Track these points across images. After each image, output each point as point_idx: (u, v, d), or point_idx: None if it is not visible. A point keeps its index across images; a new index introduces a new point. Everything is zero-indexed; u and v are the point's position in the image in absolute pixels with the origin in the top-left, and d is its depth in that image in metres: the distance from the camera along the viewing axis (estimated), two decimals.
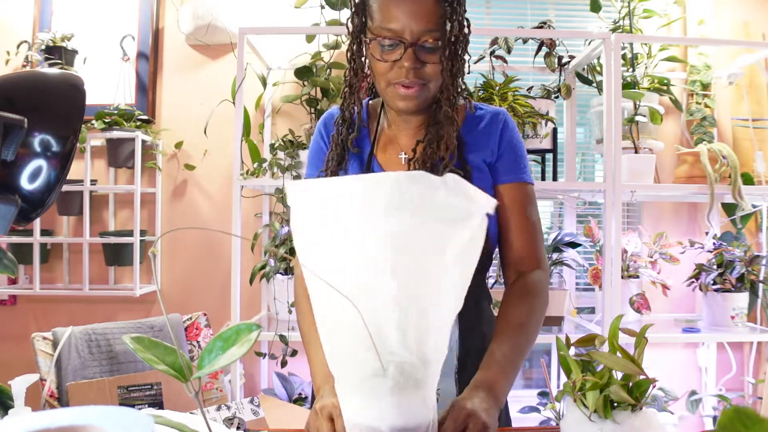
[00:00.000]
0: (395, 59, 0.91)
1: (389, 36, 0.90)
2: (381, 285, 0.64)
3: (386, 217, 0.64)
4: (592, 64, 2.29)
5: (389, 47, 0.91)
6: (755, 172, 2.25)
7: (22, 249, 2.30)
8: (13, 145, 0.57)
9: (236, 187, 1.99)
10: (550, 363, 2.50)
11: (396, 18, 0.88)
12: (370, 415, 0.67)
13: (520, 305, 0.96)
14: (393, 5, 0.89)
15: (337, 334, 0.67)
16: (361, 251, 0.65)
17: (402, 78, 0.92)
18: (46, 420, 0.46)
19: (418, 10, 0.88)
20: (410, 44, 0.89)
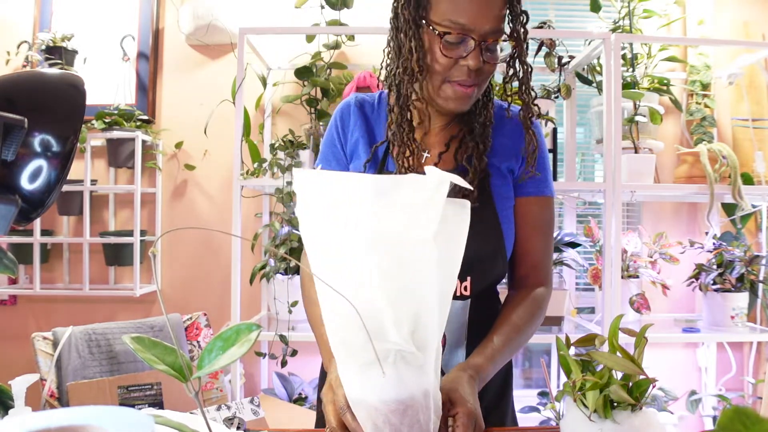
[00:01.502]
0: (459, 56, 0.86)
1: (457, 30, 0.84)
2: (375, 283, 0.66)
3: (378, 218, 0.66)
4: (592, 64, 2.29)
5: (454, 43, 0.85)
6: (755, 172, 2.25)
7: (22, 249, 2.30)
8: (13, 145, 0.57)
9: (236, 187, 1.99)
10: (550, 363, 2.50)
11: (466, 12, 0.83)
12: (366, 389, 0.68)
13: (523, 310, 0.97)
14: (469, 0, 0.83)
15: (338, 318, 0.69)
16: (355, 249, 0.66)
17: (464, 77, 0.87)
18: (46, 420, 0.46)
19: (493, 10, 0.84)
20: (479, 42, 0.85)
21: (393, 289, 0.66)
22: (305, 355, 2.16)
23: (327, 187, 0.68)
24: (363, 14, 2.42)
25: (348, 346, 0.69)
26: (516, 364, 2.65)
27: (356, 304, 0.61)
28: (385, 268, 0.66)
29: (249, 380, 2.46)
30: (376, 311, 0.66)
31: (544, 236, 1.02)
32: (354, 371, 0.70)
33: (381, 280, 0.66)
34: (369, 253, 0.66)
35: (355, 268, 0.66)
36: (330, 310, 0.69)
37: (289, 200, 2.02)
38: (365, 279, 0.66)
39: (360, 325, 0.63)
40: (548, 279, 1.03)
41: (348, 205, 0.67)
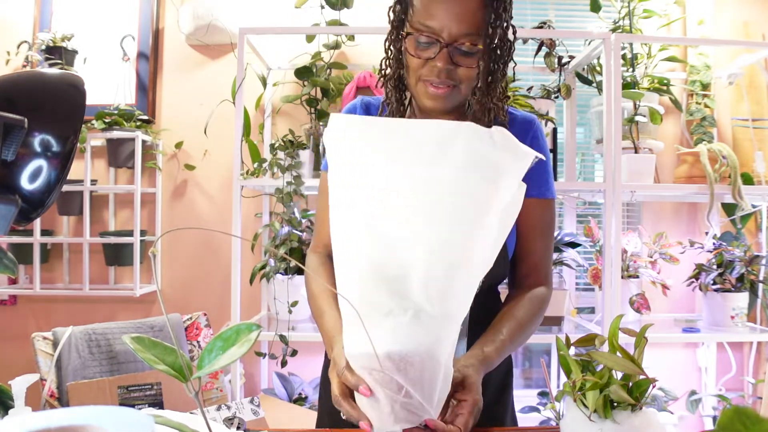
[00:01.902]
0: (428, 57, 0.88)
1: (426, 33, 0.87)
2: (412, 232, 0.66)
3: (429, 166, 0.67)
4: (592, 64, 2.29)
5: (425, 44, 0.88)
6: (755, 172, 2.25)
7: (22, 249, 2.30)
8: (13, 145, 0.57)
9: (236, 187, 1.99)
10: (550, 363, 2.50)
11: (436, 16, 0.86)
12: (372, 341, 0.67)
13: (526, 308, 0.97)
14: (435, 2, 0.86)
15: (353, 271, 0.69)
16: (397, 195, 0.67)
17: (433, 77, 0.89)
18: (46, 420, 0.46)
19: (461, 12, 0.86)
20: (445, 45, 0.87)
21: (434, 242, 0.65)
22: (305, 355, 2.16)
23: (369, 131, 0.70)
24: (363, 14, 2.42)
25: (361, 298, 0.69)
26: (516, 364, 2.65)
27: (389, 252, 0.63)
28: (432, 216, 0.65)
29: (249, 380, 2.46)
30: (406, 263, 0.65)
31: (545, 238, 1.03)
32: (360, 324, 0.69)
33: (425, 227, 0.65)
34: (418, 198, 0.65)
35: (396, 213, 0.66)
36: (345, 261, 0.70)
37: (289, 200, 2.02)
38: (405, 225, 0.65)
39: (375, 279, 0.64)
40: (549, 279, 1.05)
41: (401, 150, 0.67)
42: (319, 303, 0.94)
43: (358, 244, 0.69)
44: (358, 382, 0.71)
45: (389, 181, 0.68)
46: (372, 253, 0.68)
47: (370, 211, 0.69)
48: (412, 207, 0.66)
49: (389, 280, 0.67)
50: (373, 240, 0.68)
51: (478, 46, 0.87)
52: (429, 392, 0.69)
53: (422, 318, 0.67)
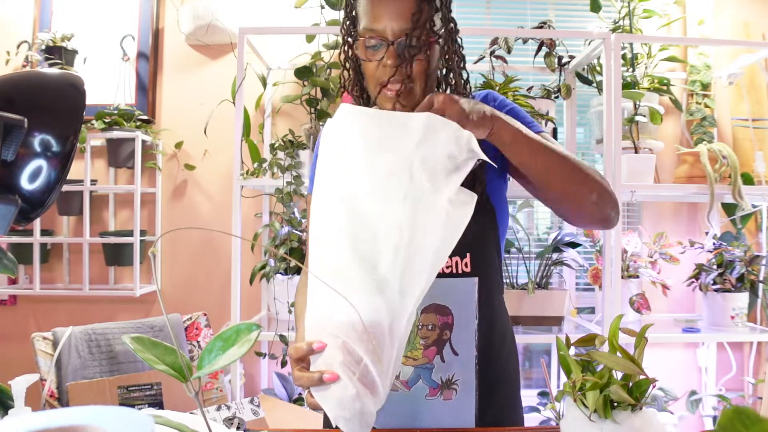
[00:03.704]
0: (379, 59, 0.92)
1: (373, 36, 0.91)
2: (391, 209, 0.72)
3: (415, 149, 0.74)
4: (592, 64, 2.29)
5: (374, 48, 0.92)
6: (755, 172, 2.25)
7: (22, 249, 2.30)
8: (13, 145, 0.57)
9: (236, 187, 1.99)
10: (550, 363, 2.50)
11: (378, 18, 0.90)
12: (336, 306, 0.70)
13: None
14: (374, 6, 0.90)
15: (327, 238, 0.75)
16: (381, 176, 0.74)
17: (386, 77, 0.92)
18: (46, 420, 0.46)
19: (398, 9, 0.89)
20: (391, 42, 0.90)
21: (405, 220, 0.71)
22: None
23: (377, 119, 0.78)
24: None
25: (331, 265, 0.73)
26: None
27: (363, 227, 0.71)
28: (410, 196, 0.72)
29: (249, 380, 2.46)
30: (378, 235, 0.71)
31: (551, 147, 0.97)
32: (327, 290, 0.70)
33: (400, 204, 0.72)
34: (399, 180, 0.72)
35: (378, 190, 0.73)
36: (320, 230, 0.76)
37: (289, 200, 2.02)
38: (385, 201, 0.72)
39: (349, 250, 0.71)
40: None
41: (393, 138, 0.75)
42: (298, 319, 0.99)
43: (336, 217, 0.75)
44: (309, 343, 0.72)
45: (367, 162, 0.75)
46: (347, 226, 0.74)
47: (349, 188, 0.75)
48: (384, 186, 0.74)
49: (361, 253, 0.71)
50: (350, 214, 0.74)
51: (421, 39, 0.90)
52: (386, 369, 0.69)
53: (386, 292, 0.70)
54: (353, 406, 0.67)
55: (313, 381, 0.69)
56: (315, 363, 0.71)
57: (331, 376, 0.68)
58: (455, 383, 0.96)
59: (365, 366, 0.68)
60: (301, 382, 0.71)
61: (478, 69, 2.26)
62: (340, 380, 0.68)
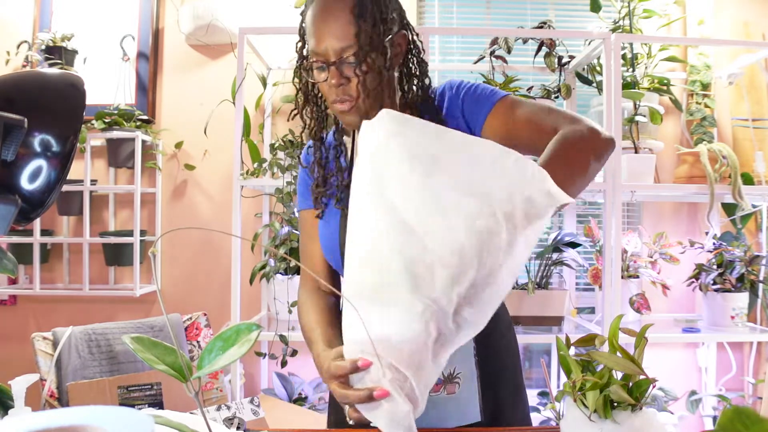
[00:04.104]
0: (325, 79, 0.94)
1: (318, 59, 0.93)
2: (450, 237, 0.66)
3: (481, 179, 0.68)
4: (592, 64, 2.29)
5: (320, 68, 0.94)
6: (755, 172, 2.25)
7: (22, 249, 2.30)
8: (13, 145, 0.57)
9: (236, 187, 1.99)
10: (550, 363, 2.50)
11: (319, 41, 0.92)
12: (376, 329, 0.68)
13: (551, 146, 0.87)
14: (317, 29, 0.92)
15: (370, 260, 0.70)
16: (437, 199, 0.68)
17: (333, 96, 0.94)
18: (46, 420, 0.46)
19: (335, 30, 0.91)
20: (332, 63, 0.92)
21: (469, 250, 0.65)
22: (305, 355, 2.16)
23: (429, 133, 0.73)
24: None
25: (372, 284, 0.70)
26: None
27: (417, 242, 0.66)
28: (476, 227, 0.65)
29: (249, 380, 2.46)
30: (432, 261, 0.66)
31: (532, 114, 0.95)
32: (368, 309, 0.69)
33: (462, 233, 0.65)
34: (461, 207, 0.67)
35: (432, 212, 0.68)
36: (360, 248, 0.72)
37: (289, 200, 2.02)
38: (443, 227, 0.67)
39: (392, 270, 0.66)
40: (569, 122, 0.90)
41: (451, 161, 0.70)
42: (310, 335, 0.98)
43: (382, 236, 0.69)
44: (353, 362, 0.71)
45: (420, 182, 0.69)
46: (395, 247, 0.68)
47: (396, 205, 0.69)
48: (440, 210, 0.67)
49: (413, 275, 0.66)
50: (398, 234, 0.68)
51: (361, 56, 0.91)
52: (425, 386, 0.70)
53: (439, 320, 0.67)
54: (405, 421, 0.69)
55: (363, 398, 0.70)
56: (362, 380, 0.72)
57: (382, 392, 0.69)
58: (457, 377, 0.96)
59: (410, 383, 0.69)
60: (350, 399, 0.72)
61: (478, 69, 2.26)
62: (391, 397, 0.69)
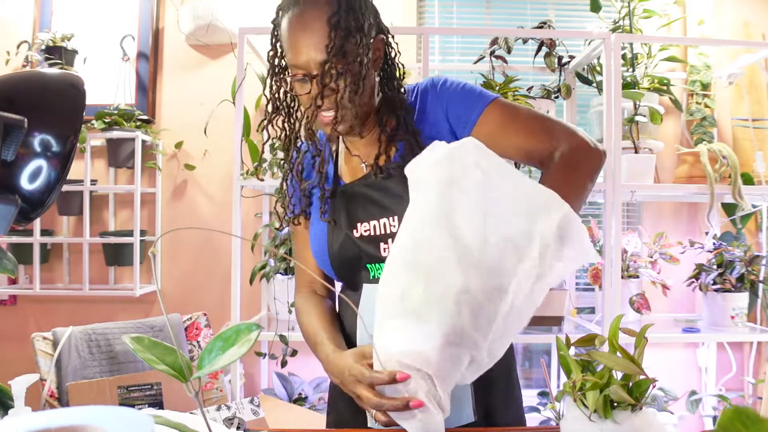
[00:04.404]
0: (307, 92, 0.93)
1: (298, 72, 0.92)
2: (497, 279, 0.70)
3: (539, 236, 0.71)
4: (592, 64, 2.29)
5: (301, 81, 0.93)
6: (755, 172, 2.25)
7: (22, 249, 2.30)
8: (13, 145, 0.57)
9: (236, 187, 1.99)
10: (550, 363, 2.50)
11: (298, 53, 0.91)
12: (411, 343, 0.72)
13: (551, 181, 0.89)
14: (294, 42, 0.91)
15: (429, 277, 0.72)
16: (493, 236, 0.71)
17: (315, 108, 0.93)
18: (46, 420, 0.46)
19: (315, 42, 0.89)
20: (314, 75, 0.91)
21: (515, 282, 0.70)
22: (305, 355, 2.16)
23: (505, 176, 0.74)
24: None
25: (413, 305, 0.72)
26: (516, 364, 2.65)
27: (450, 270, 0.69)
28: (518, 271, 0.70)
29: (249, 380, 2.46)
30: (485, 291, 0.69)
31: (522, 121, 0.95)
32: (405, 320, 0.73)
33: (507, 274, 0.70)
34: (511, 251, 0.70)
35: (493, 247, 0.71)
36: (420, 266, 0.73)
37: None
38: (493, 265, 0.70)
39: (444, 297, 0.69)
40: (561, 136, 0.93)
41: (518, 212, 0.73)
42: (314, 338, 0.99)
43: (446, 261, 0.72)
44: (392, 373, 0.74)
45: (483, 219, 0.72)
46: (456, 276, 0.71)
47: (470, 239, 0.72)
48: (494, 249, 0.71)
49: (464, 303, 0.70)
50: (462, 262, 0.71)
51: (341, 66, 0.90)
52: (448, 393, 0.75)
53: (470, 350, 0.72)
54: (438, 430, 0.74)
55: (399, 407, 0.74)
56: (396, 389, 0.75)
57: (418, 403, 0.73)
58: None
59: (440, 393, 0.74)
60: (385, 407, 0.75)
61: (478, 69, 2.26)
62: (425, 407, 0.73)
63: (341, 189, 1.03)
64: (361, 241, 0.97)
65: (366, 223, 0.98)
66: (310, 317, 1.02)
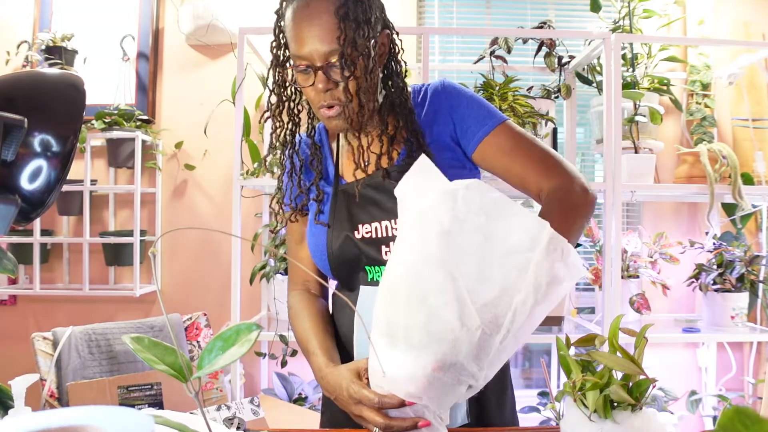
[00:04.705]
0: (311, 83, 0.92)
1: (302, 62, 0.91)
2: (506, 299, 0.70)
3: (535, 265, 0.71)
4: (592, 64, 2.29)
5: (305, 72, 0.92)
6: (755, 172, 2.25)
7: (22, 249, 2.30)
8: (13, 145, 0.57)
9: (236, 187, 1.99)
10: (550, 363, 2.50)
11: (303, 44, 0.90)
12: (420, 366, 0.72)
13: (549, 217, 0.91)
14: (299, 32, 0.90)
15: (429, 315, 0.72)
16: (496, 263, 0.71)
17: (322, 100, 0.92)
18: (46, 420, 0.46)
19: (321, 33, 0.88)
20: (318, 67, 0.90)
21: (510, 314, 0.70)
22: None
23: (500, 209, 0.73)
24: None
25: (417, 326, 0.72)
26: (516, 364, 2.65)
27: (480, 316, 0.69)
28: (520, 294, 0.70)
29: (249, 380, 2.46)
30: (479, 323, 0.70)
31: (526, 150, 0.96)
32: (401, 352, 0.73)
33: (506, 294, 0.70)
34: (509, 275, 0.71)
35: (488, 280, 0.71)
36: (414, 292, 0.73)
37: None
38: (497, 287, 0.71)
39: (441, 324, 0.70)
40: (561, 174, 0.94)
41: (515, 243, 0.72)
42: (306, 345, 0.99)
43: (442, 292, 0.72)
44: (402, 400, 0.76)
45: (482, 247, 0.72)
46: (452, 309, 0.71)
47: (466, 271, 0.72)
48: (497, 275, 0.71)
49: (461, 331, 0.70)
50: (458, 294, 0.71)
51: (349, 59, 0.89)
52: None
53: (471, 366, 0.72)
54: None
55: (408, 428, 0.77)
56: (403, 410, 0.77)
57: (426, 423, 0.76)
58: None
59: (441, 413, 0.77)
60: (395, 428, 0.78)
61: (478, 69, 2.26)
62: (432, 426, 0.77)
63: (342, 188, 1.02)
64: (362, 243, 0.97)
65: (367, 224, 0.97)
66: (302, 322, 1.02)
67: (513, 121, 1.85)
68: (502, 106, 1.99)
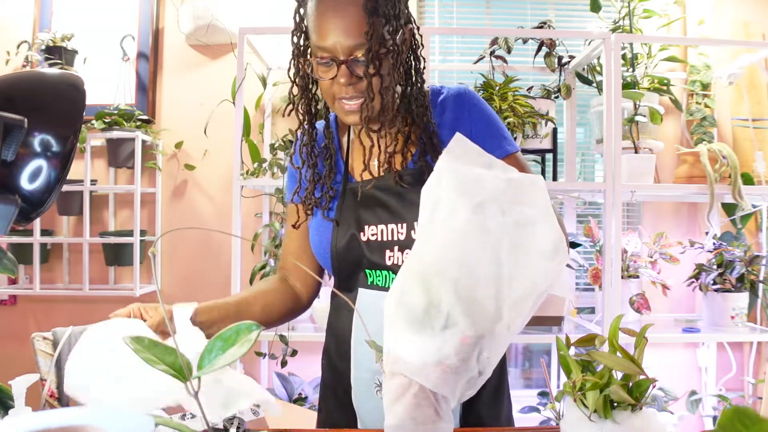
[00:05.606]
0: (332, 76, 0.90)
1: (324, 54, 0.89)
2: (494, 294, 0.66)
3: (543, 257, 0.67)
4: (592, 64, 2.29)
5: (326, 65, 0.90)
6: (755, 172, 2.25)
7: (22, 249, 2.30)
8: (13, 145, 0.57)
9: (236, 187, 1.99)
10: (550, 363, 2.50)
11: (327, 35, 0.87)
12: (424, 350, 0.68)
13: None
14: (323, 23, 0.88)
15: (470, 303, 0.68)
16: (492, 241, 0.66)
17: (343, 93, 0.91)
18: (46, 420, 0.46)
19: (347, 26, 0.86)
20: (342, 61, 0.88)
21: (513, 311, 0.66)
22: (305, 355, 2.16)
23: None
24: None
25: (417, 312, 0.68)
26: (516, 364, 2.65)
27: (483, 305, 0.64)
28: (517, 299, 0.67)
29: None
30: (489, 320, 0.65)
31: None
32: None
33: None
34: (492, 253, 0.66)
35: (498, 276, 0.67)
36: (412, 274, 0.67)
37: None
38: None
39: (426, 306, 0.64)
40: None
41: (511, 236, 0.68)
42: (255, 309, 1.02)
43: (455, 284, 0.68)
44: None
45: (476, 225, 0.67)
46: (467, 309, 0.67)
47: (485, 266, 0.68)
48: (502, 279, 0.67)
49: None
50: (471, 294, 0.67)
51: (373, 55, 0.87)
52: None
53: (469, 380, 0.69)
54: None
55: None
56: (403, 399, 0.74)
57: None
58: None
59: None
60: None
61: (478, 69, 2.26)
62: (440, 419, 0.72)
63: (351, 187, 1.01)
64: (366, 245, 0.95)
65: (374, 226, 0.95)
66: (251, 288, 1.06)
67: (513, 121, 1.85)
68: (502, 106, 1.99)
